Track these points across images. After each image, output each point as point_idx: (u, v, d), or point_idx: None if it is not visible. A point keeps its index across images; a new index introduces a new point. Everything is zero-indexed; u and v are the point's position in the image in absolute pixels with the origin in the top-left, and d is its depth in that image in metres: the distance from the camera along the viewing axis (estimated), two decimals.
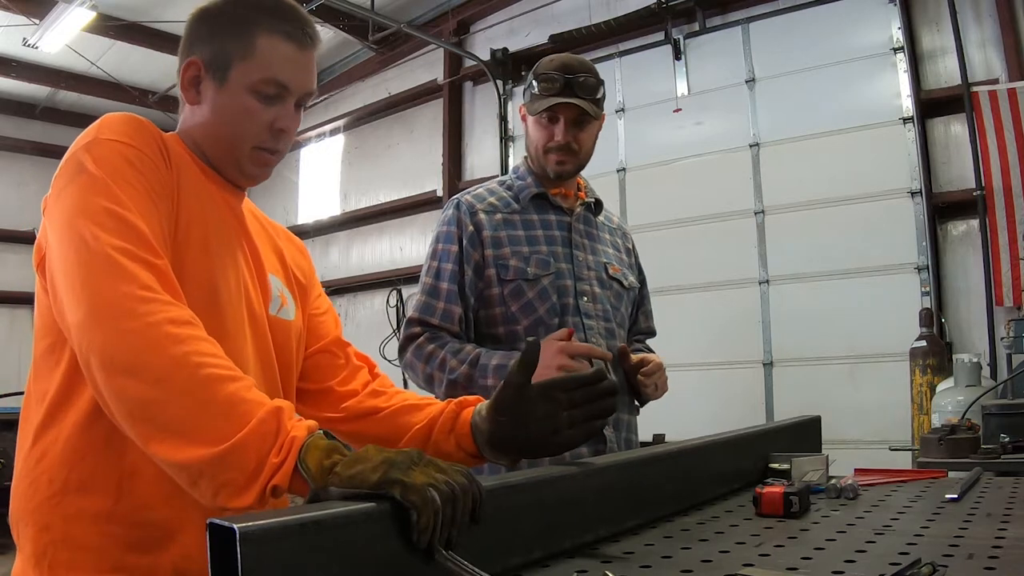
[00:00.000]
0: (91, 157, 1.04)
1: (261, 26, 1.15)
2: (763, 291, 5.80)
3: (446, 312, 1.83)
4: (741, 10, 6.22)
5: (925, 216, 5.23)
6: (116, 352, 0.91)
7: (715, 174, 6.05)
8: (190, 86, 1.19)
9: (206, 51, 1.17)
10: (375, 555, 0.76)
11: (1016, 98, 4.82)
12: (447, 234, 1.89)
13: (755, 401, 5.70)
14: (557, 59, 1.90)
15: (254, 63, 1.15)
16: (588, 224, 2.00)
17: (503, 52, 7.43)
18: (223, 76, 1.16)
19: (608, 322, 1.91)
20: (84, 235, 0.97)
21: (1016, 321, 4.27)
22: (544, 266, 1.86)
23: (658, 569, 0.92)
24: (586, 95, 1.85)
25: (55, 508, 1.03)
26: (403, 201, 8.28)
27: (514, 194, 1.95)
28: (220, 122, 1.17)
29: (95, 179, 1.02)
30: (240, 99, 1.16)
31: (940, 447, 2.32)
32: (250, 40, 1.15)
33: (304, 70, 1.19)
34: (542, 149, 1.90)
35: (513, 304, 1.84)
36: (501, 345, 1.83)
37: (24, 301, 9.82)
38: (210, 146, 1.20)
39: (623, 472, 1.16)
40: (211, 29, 1.17)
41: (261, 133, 1.18)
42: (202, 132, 1.19)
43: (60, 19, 6.97)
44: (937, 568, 0.83)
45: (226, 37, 1.16)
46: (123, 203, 1.01)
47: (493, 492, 0.93)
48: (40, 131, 9.84)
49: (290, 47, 1.17)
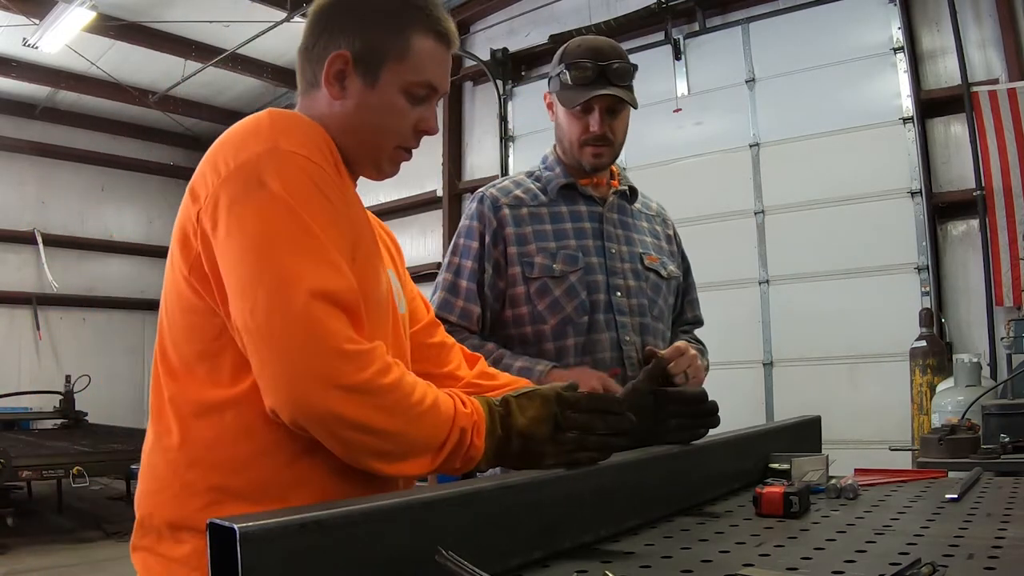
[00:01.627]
0: (275, 173, 0.98)
1: (416, 25, 1.12)
2: (763, 291, 5.80)
3: (464, 311, 1.77)
4: (741, 10, 6.22)
5: (925, 216, 5.22)
6: (329, 408, 0.92)
7: (715, 174, 6.05)
8: (335, 80, 1.12)
9: (356, 44, 1.11)
10: (375, 555, 0.76)
11: (1016, 98, 4.82)
12: (469, 229, 1.82)
13: (755, 401, 5.70)
14: (586, 43, 1.78)
15: (408, 64, 1.11)
16: (623, 213, 1.89)
17: (503, 52, 7.43)
18: (375, 74, 1.11)
19: (643, 317, 1.81)
20: (283, 274, 0.93)
21: (1016, 321, 4.27)
22: (572, 261, 1.77)
23: (658, 569, 0.92)
24: (621, 82, 1.75)
25: (215, 514, 1.00)
26: (403, 201, 8.28)
27: (543, 185, 1.86)
28: (367, 121, 1.13)
29: (283, 203, 0.96)
30: (390, 99, 1.12)
31: (940, 447, 2.33)
32: (406, 39, 1.11)
33: (448, 70, 1.17)
34: (577, 143, 1.80)
35: (539, 302, 1.76)
36: (528, 346, 1.77)
37: (24, 301, 9.83)
38: (349, 142, 1.14)
39: (623, 472, 1.15)
40: (361, 21, 1.11)
41: (406, 133, 1.16)
42: (342, 127, 1.13)
43: (60, 19, 6.97)
44: (937, 568, 0.83)
45: (380, 32, 1.11)
46: (314, 234, 0.96)
47: (493, 492, 0.93)
48: (40, 131, 9.83)
49: (440, 48, 1.15)
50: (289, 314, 0.92)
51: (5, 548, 5.55)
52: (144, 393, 10.06)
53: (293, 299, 0.92)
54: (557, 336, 1.76)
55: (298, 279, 0.93)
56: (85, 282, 10.39)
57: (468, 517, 0.88)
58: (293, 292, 0.92)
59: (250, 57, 8.73)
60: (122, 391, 10.31)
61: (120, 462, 6.29)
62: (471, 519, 0.88)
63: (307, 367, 0.91)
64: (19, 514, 6.18)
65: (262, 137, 1.02)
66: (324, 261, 0.96)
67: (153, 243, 11.01)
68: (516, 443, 1.06)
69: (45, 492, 7.31)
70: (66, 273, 10.15)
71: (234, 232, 0.97)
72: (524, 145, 7.49)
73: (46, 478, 5.89)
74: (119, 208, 10.84)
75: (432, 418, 0.99)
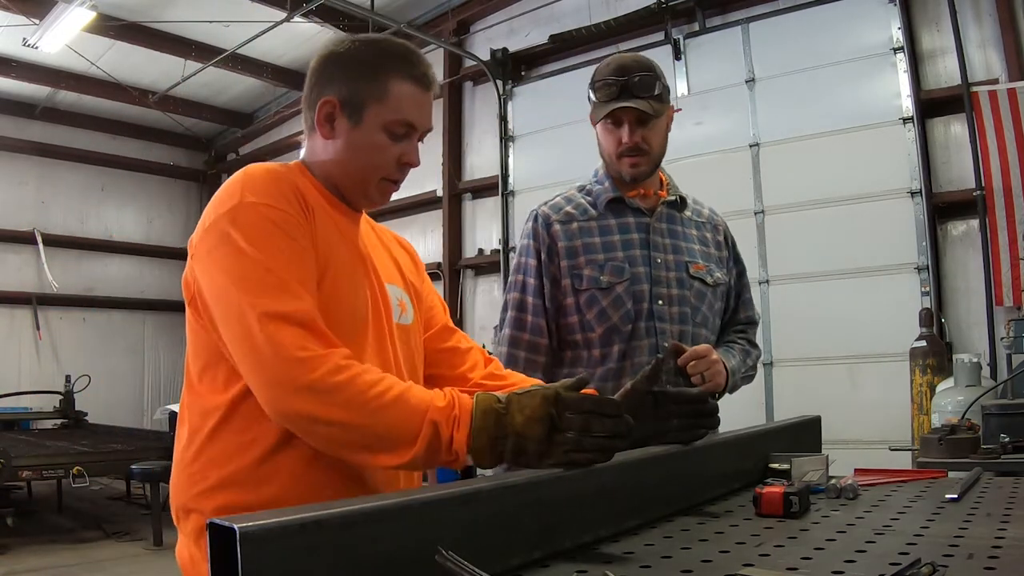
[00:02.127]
0: (239, 225, 1.17)
1: (393, 72, 1.29)
2: (763, 291, 5.80)
3: (535, 326, 1.89)
4: (741, 10, 6.22)
5: (925, 216, 5.23)
6: (295, 408, 1.10)
7: (715, 174, 6.04)
8: (325, 121, 1.31)
9: (342, 91, 1.29)
10: (375, 555, 0.76)
11: (1016, 98, 4.82)
12: (526, 248, 1.94)
13: (755, 401, 5.69)
14: (613, 61, 1.89)
15: (387, 105, 1.28)
16: (672, 222, 1.97)
17: (503, 52, 7.43)
18: (358, 115, 1.29)
19: (684, 324, 1.88)
20: (242, 308, 1.13)
21: (1016, 321, 4.27)
22: (619, 273, 1.86)
23: (658, 569, 0.92)
24: (644, 94, 1.84)
25: (207, 499, 1.22)
26: (403, 201, 8.27)
27: (592, 200, 1.96)
28: (353, 157, 1.31)
29: (242, 252, 1.16)
30: (373, 136, 1.29)
31: (940, 447, 2.33)
32: (384, 84, 1.28)
33: (427, 110, 1.34)
34: (614, 155, 1.90)
35: (588, 313, 1.86)
36: (576, 349, 1.88)
37: (24, 301, 9.84)
38: (341, 177, 1.33)
39: (623, 472, 1.15)
40: (345, 71, 1.30)
41: (390, 166, 1.32)
42: (334, 164, 1.32)
43: (60, 19, 6.97)
44: (937, 568, 0.83)
45: (360, 80, 1.29)
46: (270, 268, 1.15)
47: (493, 492, 0.93)
48: (40, 131, 9.84)
49: (417, 91, 1.31)
50: (251, 337, 1.12)
51: (5, 548, 5.55)
52: (144, 393, 10.10)
53: (252, 324, 1.12)
54: (603, 343, 1.87)
55: (254, 308, 1.13)
56: (85, 282, 10.40)
57: (468, 517, 0.88)
58: (252, 319, 1.12)
59: (250, 57, 8.74)
60: (122, 391, 10.32)
61: (120, 462, 6.28)
62: (471, 519, 0.88)
63: (271, 375, 1.11)
64: (19, 514, 6.17)
65: (234, 194, 1.21)
66: (278, 291, 1.14)
67: (153, 243, 11.03)
68: (512, 441, 1.08)
69: (45, 492, 7.32)
70: (66, 273, 10.15)
71: (211, 275, 1.20)
72: (524, 145, 7.49)
73: (46, 478, 5.88)
74: (119, 208, 10.84)
75: (396, 411, 1.10)
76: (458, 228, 8.15)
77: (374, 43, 1.33)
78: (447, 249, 8.05)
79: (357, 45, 1.32)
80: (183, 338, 1.35)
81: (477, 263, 7.93)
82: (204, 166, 11.64)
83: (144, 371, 10.75)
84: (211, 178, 11.53)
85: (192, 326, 1.27)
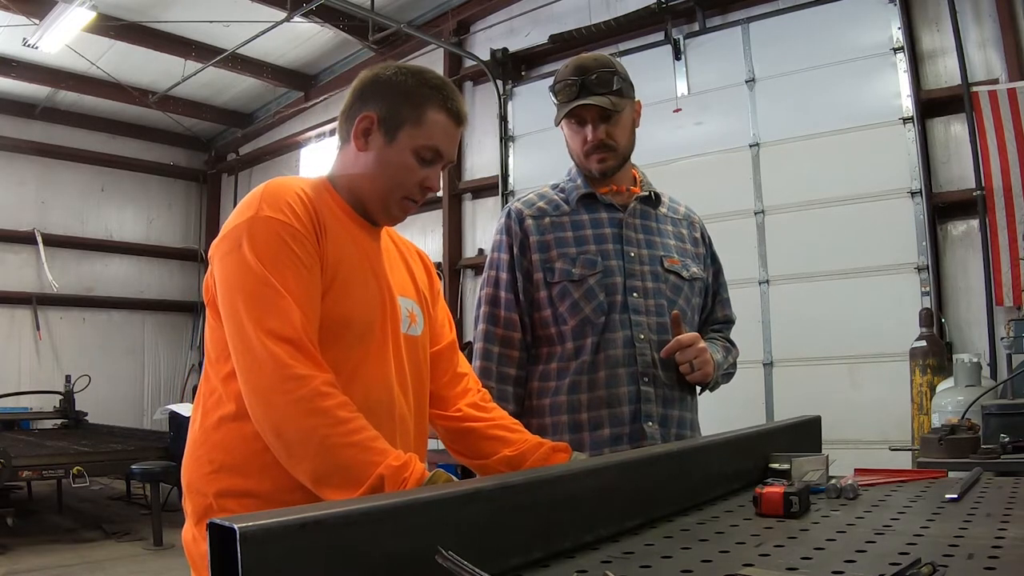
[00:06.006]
0: (250, 237, 1.27)
1: (431, 101, 1.40)
2: (763, 291, 5.80)
3: (508, 320, 1.91)
4: (741, 10, 6.22)
5: (925, 216, 5.23)
6: (267, 419, 1.21)
7: (715, 174, 6.05)
8: (361, 135, 1.41)
9: (382, 109, 1.40)
10: (375, 555, 0.76)
11: (1016, 98, 4.82)
12: (499, 243, 1.96)
13: (755, 401, 5.69)
14: (572, 63, 1.92)
15: (421, 130, 1.39)
16: (646, 218, 1.99)
17: (503, 52, 7.43)
18: (393, 134, 1.39)
19: (661, 317, 1.89)
20: (240, 315, 1.24)
21: (1016, 321, 4.27)
22: (590, 265, 1.88)
23: (658, 569, 0.92)
24: (603, 90, 1.86)
25: (211, 483, 1.30)
26: None
27: (565, 196, 1.98)
28: (382, 172, 1.40)
29: (248, 264, 1.25)
30: (403, 157, 1.40)
31: (940, 447, 2.33)
32: (422, 110, 1.39)
33: (455, 142, 1.45)
34: (582, 153, 1.93)
35: (560, 305, 1.88)
36: (550, 345, 1.89)
37: (24, 301, 9.84)
38: (367, 190, 1.42)
39: (623, 472, 1.16)
40: (387, 93, 1.40)
41: (413, 187, 1.42)
42: (362, 177, 1.42)
43: (60, 19, 6.98)
44: (937, 568, 0.83)
45: (401, 103, 1.39)
46: (271, 284, 1.24)
47: (493, 492, 0.93)
48: (40, 131, 9.84)
49: (450, 123, 1.42)
50: (248, 343, 1.22)
51: (5, 548, 5.56)
52: (144, 393, 10.08)
53: (249, 334, 1.22)
54: (576, 336, 1.87)
55: (250, 318, 1.23)
56: (85, 282, 10.40)
57: (468, 517, 0.88)
58: (249, 328, 1.22)
59: (250, 57, 8.75)
60: (122, 391, 10.31)
61: (120, 462, 6.28)
62: (471, 519, 0.88)
63: (257, 383, 1.21)
64: (19, 514, 6.18)
65: (253, 205, 1.31)
66: (273, 306, 1.23)
67: (153, 243, 11.02)
68: None
69: (45, 492, 7.32)
70: (66, 273, 10.15)
71: (221, 278, 1.30)
72: (524, 145, 7.49)
73: (46, 478, 5.89)
74: (119, 208, 10.84)
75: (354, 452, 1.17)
76: (458, 228, 8.15)
77: (417, 72, 1.43)
78: (447, 249, 8.05)
79: (401, 71, 1.42)
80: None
81: (477, 263, 7.93)
82: (204, 166, 11.64)
83: (144, 371, 10.74)
84: (211, 178, 11.53)
85: (209, 321, 1.36)
